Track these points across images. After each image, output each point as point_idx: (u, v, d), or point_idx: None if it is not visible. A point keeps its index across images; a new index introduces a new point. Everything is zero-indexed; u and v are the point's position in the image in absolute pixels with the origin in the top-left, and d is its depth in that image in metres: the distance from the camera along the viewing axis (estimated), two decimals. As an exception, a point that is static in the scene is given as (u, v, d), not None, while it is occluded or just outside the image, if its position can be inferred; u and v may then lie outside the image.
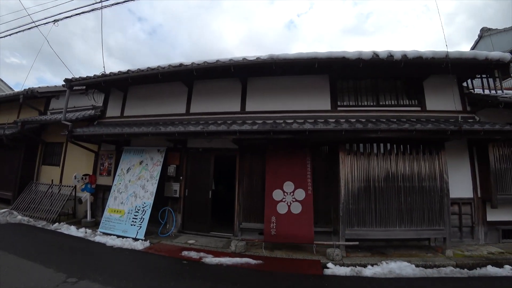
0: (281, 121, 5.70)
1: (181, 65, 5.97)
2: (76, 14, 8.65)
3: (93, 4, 8.24)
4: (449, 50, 5.24)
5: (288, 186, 5.55)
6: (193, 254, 4.93)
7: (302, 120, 5.73)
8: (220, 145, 6.52)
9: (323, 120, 5.71)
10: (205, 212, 6.49)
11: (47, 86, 9.70)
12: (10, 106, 10.79)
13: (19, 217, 7.31)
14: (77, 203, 7.82)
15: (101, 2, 8.22)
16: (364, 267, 4.47)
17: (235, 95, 6.68)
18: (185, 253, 5.01)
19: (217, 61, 5.70)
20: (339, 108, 6.24)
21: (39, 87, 9.40)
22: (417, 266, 4.47)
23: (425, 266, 4.53)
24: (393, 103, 6.34)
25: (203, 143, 6.58)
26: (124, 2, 7.89)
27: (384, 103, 6.34)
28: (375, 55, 5.35)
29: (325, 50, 5.85)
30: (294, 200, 5.47)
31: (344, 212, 5.21)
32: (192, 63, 5.86)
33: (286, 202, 5.48)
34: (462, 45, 52.20)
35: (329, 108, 6.22)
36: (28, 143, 9.20)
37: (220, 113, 6.57)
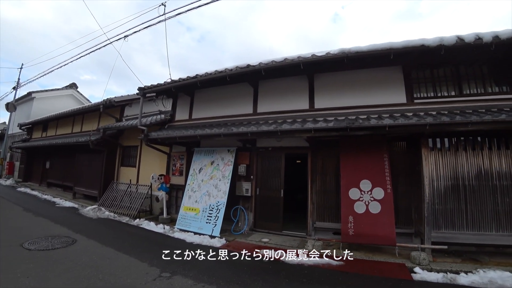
0: (354, 117, 5.47)
1: (248, 66, 6.08)
2: (144, 28, 9.46)
3: (157, 17, 8.94)
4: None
5: (365, 184, 5.31)
6: (272, 253, 4.97)
7: (377, 115, 5.44)
8: (290, 144, 6.48)
9: (399, 114, 5.34)
10: (277, 210, 6.53)
11: (122, 96, 10.69)
12: (92, 115, 12.31)
13: (107, 212, 8.20)
14: (153, 201, 8.47)
15: (164, 14, 8.90)
16: (457, 274, 4.06)
17: (302, 93, 6.58)
18: (263, 251, 5.08)
19: (285, 59, 5.68)
20: (416, 101, 5.75)
21: (115, 97, 10.40)
22: (524, 278, 3.91)
23: (534, 279, 3.96)
24: (479, 91, 5.64)
25: (272, 142, 6.62)
26: (186, 11, 8.41)
27: (468, 92, 5.68)
28: (460, 39, 4.83)
29: (376, 38, 5.51)
30: (372, 199, 5.21)
31: (430, 212, 4.83)
32: (260, 63, 5.93)
33: (363, 201, 5.25)
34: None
35: (404, 101, 5.78)
36: (108, 147, 10.26)
37: (288, 112, 6.53)
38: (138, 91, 8.21)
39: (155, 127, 8.45)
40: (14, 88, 18.91)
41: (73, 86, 20.60)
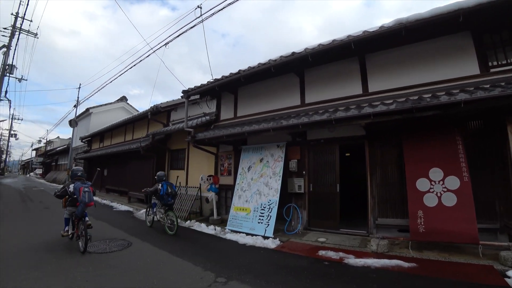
0: (416, 97, 4.75)
1: (293, 53, 5.71)
2: (183, 32, 9.54)
3: (194, 19, 8.96)
4: None
5: (435, 173, 4.57)
6: (332, 254, 4.53)
7: (444, 92, 4.64)
8: (344, 134, 5.95)
9: (473, 88, 4.47)
10: (333, 207, 6.01)
11: (167, 101, 11.02)
12: (141, 123, 12.99)
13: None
14: (203, 202, 8.47)
15: (201, 16, 8.93)
16: None
17: (353, 77, 6.01)
18: (321, 252, 4.64)
19: (333, 40, 5.20)
20: (492, 70, 4.81)
21: (161, 103, 10.74)
22: None
23: None
24: None
25: (324, 133, 6.15)
26: (222, 9, 8.31)
27: None
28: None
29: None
30: (445, 189, 4.45)
31: (523, 203, 3.98)
32: (306, 49, 5.52)
33: (434, 192, 4.52)
34: None
35: (477, 72, 4.86)
36: (157, 152, 10.66)
37: (339, 99, 6.00)
38: (182, 94, 8.31)
39: (201, 129, 8.48)
40: (74, 106, 20.79)
41: (123, 99, 22.16)
